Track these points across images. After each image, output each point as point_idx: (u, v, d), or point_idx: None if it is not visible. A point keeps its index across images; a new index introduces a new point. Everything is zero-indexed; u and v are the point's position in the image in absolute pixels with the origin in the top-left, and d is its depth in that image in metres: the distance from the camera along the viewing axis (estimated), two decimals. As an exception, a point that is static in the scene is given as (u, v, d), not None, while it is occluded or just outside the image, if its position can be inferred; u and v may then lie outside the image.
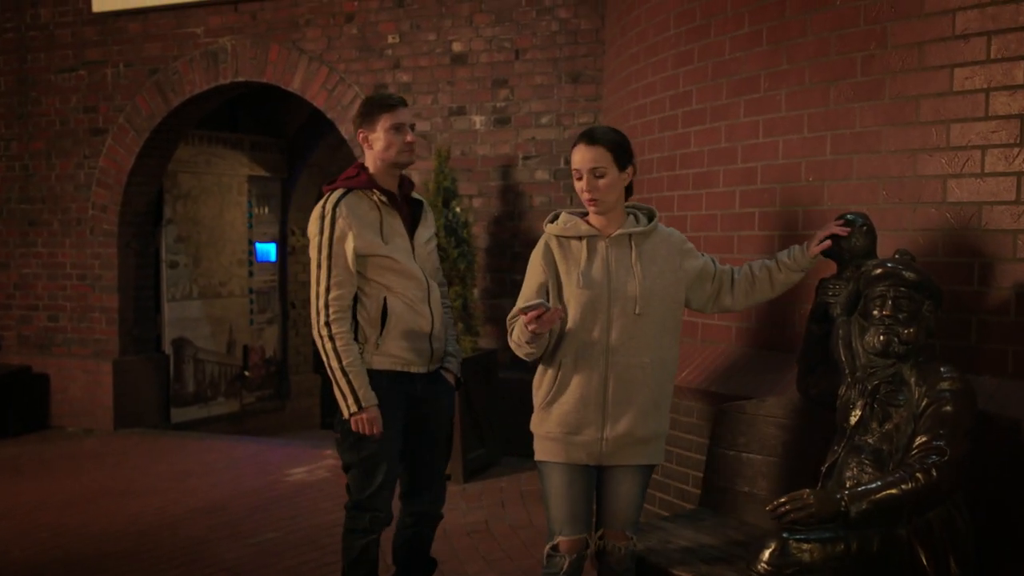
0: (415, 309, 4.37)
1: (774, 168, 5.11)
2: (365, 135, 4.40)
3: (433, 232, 4.61)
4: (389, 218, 4.37)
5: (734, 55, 5.36)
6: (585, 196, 3.89)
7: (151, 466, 8.44)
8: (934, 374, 3.62)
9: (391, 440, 4.37)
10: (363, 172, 4.42)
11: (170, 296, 10.84)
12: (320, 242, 4.29)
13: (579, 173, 3.89)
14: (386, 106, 4.37)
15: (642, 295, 3.84)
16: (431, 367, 4.49)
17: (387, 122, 4.34)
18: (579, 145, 3.90)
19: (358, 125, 4.43)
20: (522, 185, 8.50)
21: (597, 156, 3.85)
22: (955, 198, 4.29)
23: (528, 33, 8.45)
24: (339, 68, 9.10)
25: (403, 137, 4.36)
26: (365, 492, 4.40)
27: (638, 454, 3.92)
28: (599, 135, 3.90)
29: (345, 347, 4.26)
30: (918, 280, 3.69)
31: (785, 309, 5.01)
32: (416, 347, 4.40)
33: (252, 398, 11.88)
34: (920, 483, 3.40)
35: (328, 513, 6.87)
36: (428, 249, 4.53)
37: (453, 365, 4.63)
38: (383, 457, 4.37)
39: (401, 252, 4.36)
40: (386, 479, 4.39)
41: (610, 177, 3.85)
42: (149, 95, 9.85)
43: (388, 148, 4.35)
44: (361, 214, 4.31)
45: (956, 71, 4.29)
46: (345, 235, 4.26)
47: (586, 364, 3.86)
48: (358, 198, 4.35)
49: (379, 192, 4.35)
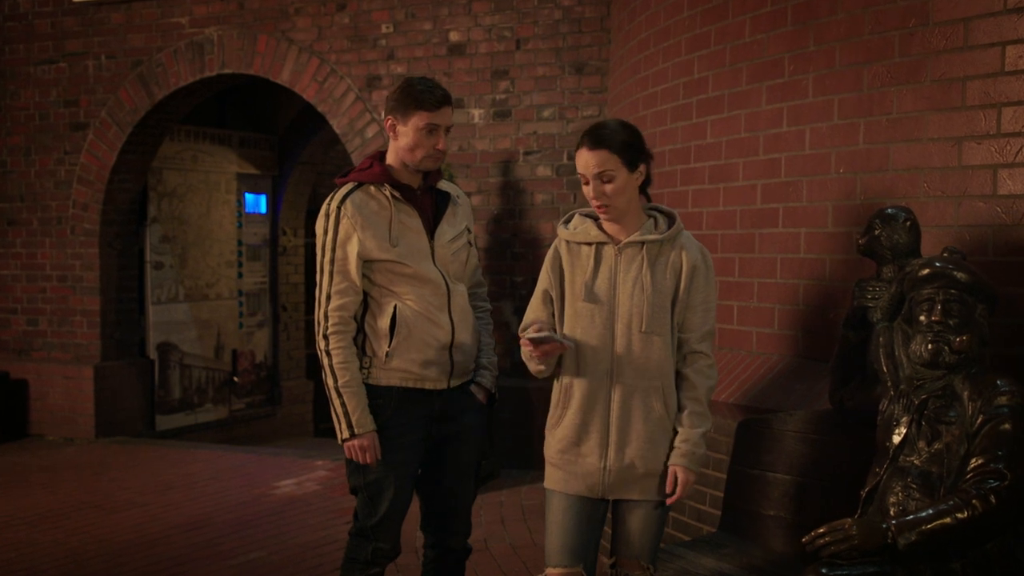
0: (431, 318, 3.90)
1: (800, 159, 4.79)
2: (393, 124, 3.90)
3: (464, 228, 4.09)
4: (401, 216, 3.90)
5: (755, 37, 5.05)
6: (594, 203, 3.51)
7: (132, 478, 8.18)
8: (990, 388, 3.28)
9: (402, 464, 3.94)
10: (377, 163, 3.96)
11: (155, 298, 10.61)
12: (324, 243, 3.88)
13: (584, 178, 3.50)
14: (426, 103, 3.85)
15: (650, 311, 3.47)
16: (454, 382, 4.01)
17: (422, 120, 3.84)
18: (582, 148, 3.50)
19: (389, 109, 3.92)
20: (523, 182, 8.24)
21: (602, 160, 3.45)
22: (1006, 190, 3.95)
23: (529, 21, 8.18)
24: (330, 59, 8.84)
25: (434, 141, 3.87)
26: (370, 520, 3.98)
27: (646, 489, 3.56)
28: (604, 135, 3.48)
29: (342, 364, 3.84)
30: (971, 281, 3.35)
31: (816, 313, 4.69)
32: (432, 360, 3.92)
33: (241, 405, 11.67)
34: (977, 511, 3.08)
35: (317, 530, 6.57)
36: (453, 248, 4.01)
37: (486, 379, 4.12)
38: (390, 483, 3.93)
39: (414, 254, 3.89)
40: (393, 508, 3.95)
41: (620, 180, 3.46)
42: (132, 88, 9.62)
43: (414, 150, 3.87)
44: (369, 213, 3.86)
45: (1008, 49, 3.95)
46: (350, 237, 3.84)
47: (587, 386, 3.53)
48: (368, 194, 3.90)
49: (391, 187, 3.90)
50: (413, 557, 5.39)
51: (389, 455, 3.90)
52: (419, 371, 3.91)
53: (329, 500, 7.28)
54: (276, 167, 12.02)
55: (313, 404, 12.37)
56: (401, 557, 4.29)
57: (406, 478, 3.97)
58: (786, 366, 4.80)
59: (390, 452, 3.90)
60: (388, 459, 3.90)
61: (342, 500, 7.19)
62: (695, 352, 3.56)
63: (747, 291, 5.03)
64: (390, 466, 3.90)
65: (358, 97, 8.65)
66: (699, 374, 3.56)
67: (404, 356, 3.88)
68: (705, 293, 3.56)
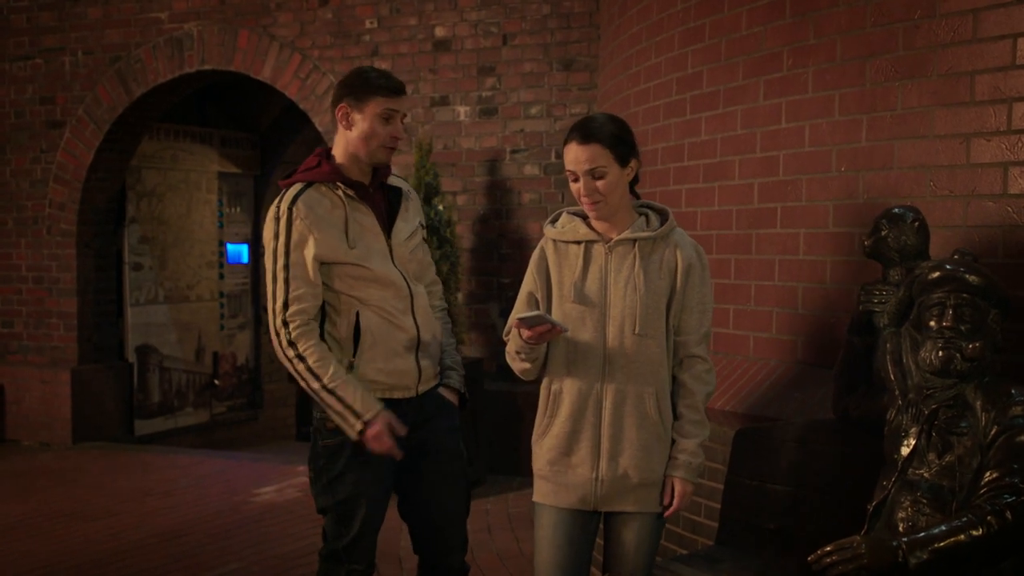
0: (395, 322, 3.69)
1: (799, 157, 4.62)
2: (347, 112, 3.68)
3: (417, 224, 3.89)
4: (357, 215, 3.68)
5: (752, 30, 4.87)
6: (583, 200, 3.35)
7: (108, 484, 8.03)
8: (1004, 397, 3.13)
9: (374, 482, 3.73)
10: (325, 161, 3.73)
11: (133, 300, 10.44)
12: (275, 249, 3.63)
13: (574, 175, 3.34)
14: (384, 88, 3.65)
15: (644, 312, 3.31)
16: (421, 388, 3.80)
17: (379, 106, 3.64)
18: (571, 143, 3.34)
19: (341, 96, 3.70)
20: (510, 181, 8.11)
21: (593, 155, 3.29)
22: (1018, 189, 3.78)
23: (517, 17, 8.06)
24: (313, 55, 8.70)
25: (391, 130, 3.67)
26: (341, 541, 3.74)
27: (641, 500, 3.40)
28: (594, 129, 3.32)
29: (320, 362, 3.60)
30: (984, 285, 3.19)
31: (816, 317, 4.52)
32: (399, 368, 3.72)
33: (223, 408, 11.51)
34: (993, 528, 2.93)
35: (298, 539, 6.42)
36: (410, 247, 3.81)
37: (454, 380, 3.92)
38: (361, 502, 3.71)
39: (374, 256, 3.68)
40: (366, 526, 3.73)
41: (611, 177, 3.31)
42: (110, 85, 9.48)
43: (369, 139, 3.65)
44: (322, 213, 3.63)
45: (1019, 41, 3.77)
46: (305, 240, 3.60)
47: (577, 392, 3.36)
48: (319, 194, 3.67)
49: (343, 185, 3.68)
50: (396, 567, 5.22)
51: (359, 471, 3.69)
52: (387, 380, 3.70)
53: (310, 508, 6.98)
54: (258, 166, 11.88)
55: (296, 408, 12.21)
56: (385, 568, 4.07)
57: (379, 495, 3.77)
58: (784, 372, 4.63)
59: (360, 469, 3.69)
60: (358, 476, 3.70)
61: (324, 508, 7.02)
62: (692, 356, 3.41)
63: (744, 294, 4.87)
64: (361, 484, 3.70)
65: (341, 94, 8.48)
66: (697, 380, 3.40)
67: (370, 366, 3.68)
68: (701, 293, 3.41)
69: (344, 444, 3.66)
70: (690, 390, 3.40)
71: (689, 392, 3.40)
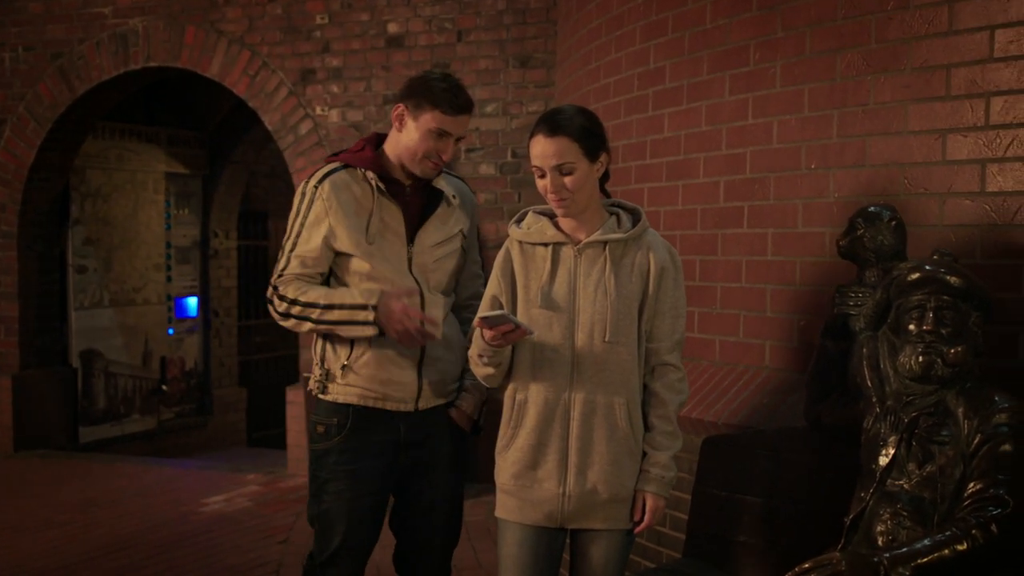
0: None
1: (767, 154, 4.49)
2: (402, 114, 3.50)
3: (456, 232, 3.67)
4: (383, 212, 3.50)
5: (717, 23, 4.74)
6: (551, 198, 3.18)
7: (51, 494, 7.85)
8: (987, 404, 3.03)
9: (358, 494, 3.55)
10: (370, 148, 3.58)
11: (78, 304, 10.32)
12: (292, 224, 3.51)
13: (540, 170, 3.17)
14: (445, 104, 3.45)
15: (614, 318, 3.16)
16: (422, 404, 3.60)
17: (435, 122, 3.45)
18: (537, 136, 3.17)
19: (403, 96, 3.52)
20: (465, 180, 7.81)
21: (561, 149, 3.13)
22: (996, 187, 3.66)
23: (471, 12, 7.92)
24: (262, 51, 8.52)
25: (441, 148, 3.48)
26: (321, 555, 3.59)
27: (610, 517, 3.24)
28: (562, 122, 3.16)
29: (311, 292, 3.45)
30: (965, 286, 3.09)
31: (785, 320, 4.38)
32: (394, 379, 3.53)
33: (171, 414, 11.39)
34: (978, 542, 2.84)
35: (246, 551, 6.24)
36: (437, 255, 3.60)
37: (466, 403, 3.70)
38: (343, 515, 3.54)
39: (388, 259, 3.50)
40: (346, 544, 3.55)
41: (579, 172, 3.15)
42: (52, 82, 9.27)
43: (415, 151, 3.48)
44: (348, 199, 3.47)
45: (997, 33, 3.66)
46: (320, 221, 3.46)
47: (543, 402, 3.20)
48: (352, 178, 3.51)
49: (377, 176, 3.50)
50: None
51: (342, 481, 3.52)
52: (379, 389, 3.53)
53: (260, 518, 6.95)
54: (207, 166, 11.76)
55: (246, 413, 12.11)
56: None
57: (366, 510, 3.58)
58: (753, 378, 4.50)
59: (344, 478, 3.52)
60: (341, 486, 3.53)
61: (273, 518, 6.88)
62: (664, 364, 3.25)
63: (709, 296, 4.73)
64: (344, 494, 3.53)
65: (291, 92, 8.35)
66: (669, 389, 3.25)
67: (362, 371, 3.51)
68: (674, 297, 3.26)
69: (331, 450, 3.52)
70: (662, 400, 3.24)
71: (661, 402, 3.24)
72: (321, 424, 3.55)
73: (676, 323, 3.26)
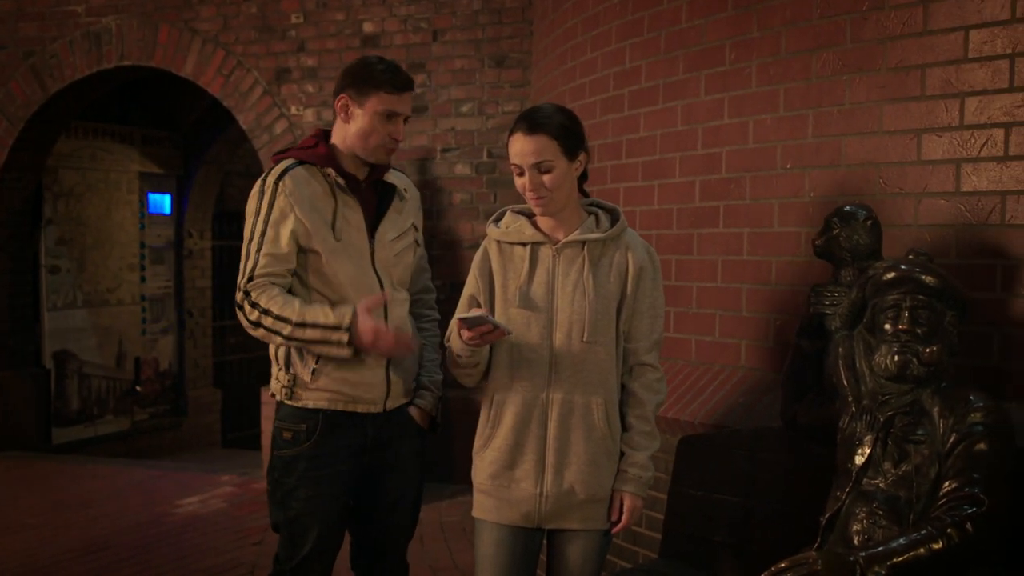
0: None
1: (743, 154, 4.48)
2: (346, 103, 3.44)
3: (410, 226, 3.63)
4: (345, 209, 3.45)
5: (693, 23, 4.72)
6: (529, 196, 3.16)
7: (23, 496, 7.72)
8: (962, 403, 3.03)
9: (328, 498, 3.50)
10: (323, 143, 3.50)
11: (51, 304, 10.25)
12: (253, 224, 3.40)
13: (519, 168, 3.15)
14: (389, 85, 3.40)
15: (593, 318, 3.14)
16: (390, 404, 3.55)
17: (381, 104, 3.39)
18: (517, 134, 3.15)
19: (343, 86, 3.46)
20: (441, 180, 7.89)
21: (540, 147, 3.11)
22: (970, 187, 3.66)
23: (447, 12, 7.85)
24: (236, 51, 8.42)
25: (391, 130, 3.43)
26: (290, 561, 3.52)
27: (588, 517, 3.22)
28: (541, 120, 3.14)
29: (284, 305, 3.31)
30: (941, 286, 3.09)
31: (764, 320, 4.37)
32: (365, 380, 3.47)
33: (145, 415, 11.29)
34: (953, 541, 2.82)
35: (221, 553, 6.16)
36: (396, 249, 3.55)
37: (426, 401, 3.67)
38: (314, 520, 3.48)
39: (352, 255, 3.44)
40: (316, 548, 3.50)
41: (558, 171, 3.13)
42: (24, 81, 9.14)
43: (367, 137, 3.43)
44: (310, 194, 3.40)
45: (971, 33, 3.66)
46: (285, 216, 3.36)
47: (521, 402, 3.18)
48: (310, 174, 3.43)
49: (335, 172, 3.44)
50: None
51: (312, 487, 3.47)
52: (350, 392, 3.46)
53: (235, 519, 6.87)
54: (181, 166, 11.67)
55: (221, 414, 12.03)
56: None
57: (334, 513, 3.53)
58: (729, 377, 4.48)
59: (313, 484, 3.46)
60: (311, 492, 3.47)
61: (248, 519, 6.81)
62: (642, 364, 3.24)
63: (685, 296, 4.71)
64: (313, 500, 3.47)
65: (266, 91, 8.26)
66: (647, 389, 3.24)
67: (332, 375, 3.44)
68: (653, 297, 3.24)
69: (299, 456, 3.46)
70: (640, 400, 3.23)
71: (639, 402, 3.23)
72: (288, 430, 3.47)
73: (654, 323, 3.25)
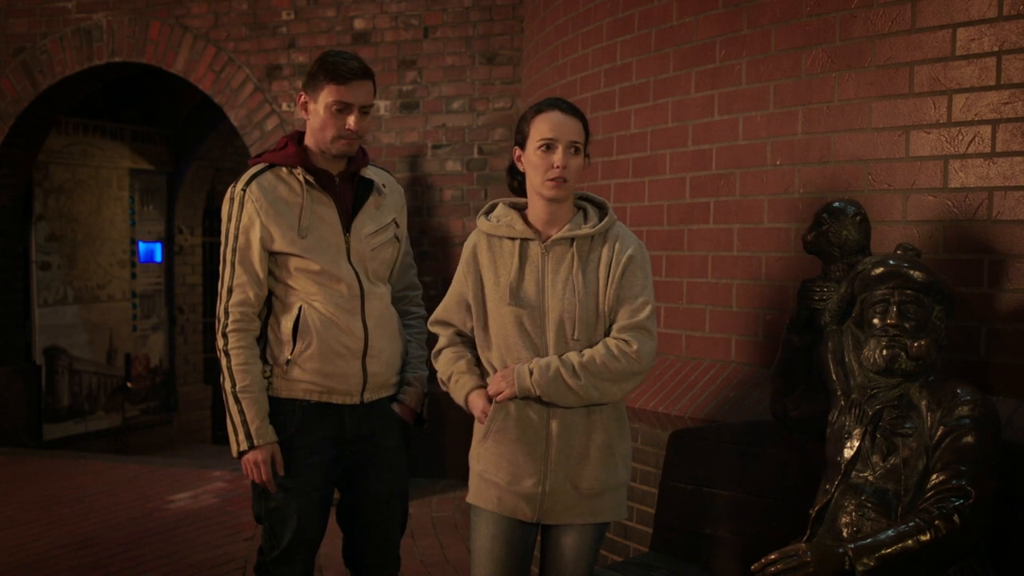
0: (338, 323, 3.47)
1: (733, 150, 4.50)
2: (306, 101, 3.48)
3: (390, 221, 3.64)
4: (314, 205, 3.47)
5: (683, 20, 4.74)
6: (553, 173, 3.11)
7: (14, 492, 7.68)
8: (950, 397, 3.04)
9: (308, 490, 3.53)
10: (292, 144, 3.53)
11: (41, 300, 10.20)
12: (227, 232, 3.46)
13: (553, 143, 3.11)
14: (335, 75, 3.39)
15: (583, 315, 3.13)
16: (368, 396, 3.57)
17: (330, 96, 3.40)
18: (553, 111, 3.15)
19: (303, 85, 3.51)
20: (431, 177, 7.88)
21: (577, 128, 3.15)
22: (958, 183, 3.69)
23: (438, 9, 7.83)
24: (227, 47, 8.40)
25: (343, 121, 3.42)
26: (271, 553, 3.56)
27: (586, 511, 3.22)
28: (574, 106, 3.20)
29: (242, 367, 3.41)
30: (928, 281, 3.10)
31: (754, 315, 4.39)
32: (340, 371, 3.49)
33: (136, 411, 11.26)
34: (940, 533, 2.85)
35: (213, 548, 6.15)
36: (373, 244, 3.56)
37: (410, 396, 3.68)
38: (293, 511, 3.51)
39: (324, 249, 3.46)
40: (296, 540, 3.53)
41: (580, 158, 3.17)
42: (14, 77, 9.10)
43: (323, 130, 3.44)
44: (277, 198, 3.43)
45: (959, 31, 3.68)
46: (252, 223, 3.41)
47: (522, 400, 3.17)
48: (278, 177, 3.47)
49: (304, 171, 3.46)
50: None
51: (292, 479, 3.49)
52: (325, 382, 3.49)
53: (227, 515, 6.87)
54: (172, 163, 11.64)
55: (212, 410, 12.03)
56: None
57: (314, 505, 3.55)
58: (719, 372, 4.50)
59: (293, 475, 3.49)
60: (291, 483, 3.49)
61: (240, 514, 6.80)
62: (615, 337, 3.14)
63: (676, 292, 4.74)
64: (293, 491, 3.50)
65: (257, 88, 8.25)
66: (603, 346, 3.12)
67: (307, 365, 3.47)
68: (642, 286, 3.17)
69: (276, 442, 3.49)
70: (594, 349, 3.12)
71: (589, 352, 3.12)
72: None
73: (640, 310, 3.15)
